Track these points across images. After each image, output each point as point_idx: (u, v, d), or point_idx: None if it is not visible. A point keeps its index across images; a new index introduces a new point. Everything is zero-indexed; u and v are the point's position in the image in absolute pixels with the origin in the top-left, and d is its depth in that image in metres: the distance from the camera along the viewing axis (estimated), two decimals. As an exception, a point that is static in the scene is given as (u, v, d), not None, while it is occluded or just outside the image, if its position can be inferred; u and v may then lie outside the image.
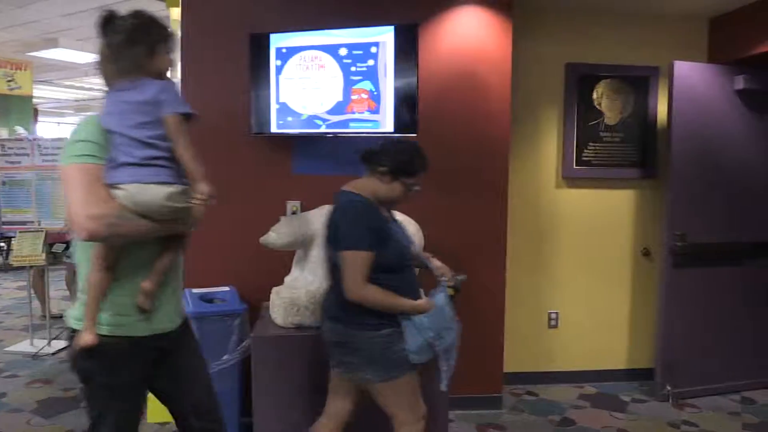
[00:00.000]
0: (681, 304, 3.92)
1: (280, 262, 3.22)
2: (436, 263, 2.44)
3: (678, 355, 3.94)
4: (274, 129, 3.35)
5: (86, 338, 1.71)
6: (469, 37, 3.57)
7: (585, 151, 4.16)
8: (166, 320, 1.82)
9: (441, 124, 3.56)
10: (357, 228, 2.12)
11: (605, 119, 4.20)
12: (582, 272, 4.21)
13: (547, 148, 4.16)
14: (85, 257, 1.73)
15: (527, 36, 3.96)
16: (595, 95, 4.18)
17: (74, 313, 1.78)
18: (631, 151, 4.24)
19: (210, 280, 3.30)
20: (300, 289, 2.94)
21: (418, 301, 2.20)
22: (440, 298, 2.24)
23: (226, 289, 3.24)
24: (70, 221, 1.61)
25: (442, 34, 3.55)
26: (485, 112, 3.60)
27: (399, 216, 3.06)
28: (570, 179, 4.18)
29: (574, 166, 4.17)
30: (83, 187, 1.59)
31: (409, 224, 3.09)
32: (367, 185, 2.22)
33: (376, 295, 2.12)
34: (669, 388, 3.91)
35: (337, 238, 2.17)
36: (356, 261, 2.12)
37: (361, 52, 3.24)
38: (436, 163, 3.50)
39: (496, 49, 3.61)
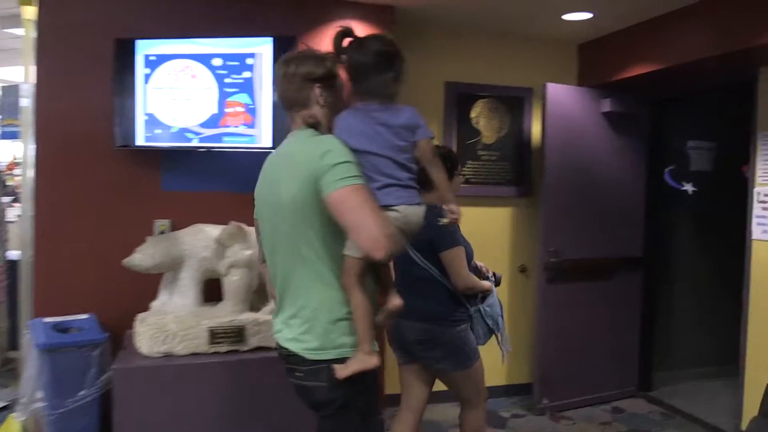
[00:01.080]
0: (555, 318, 4.03)
1: (146, 286, 3.08)
2: (478, 263, 2.75)
3: (553, 369, 4.04)
4: (140, 142, 3.19)
5: (372, 361, 1.76)
6: None
7: (463, 169, 4.19)
8: None
9: None
10: (446, 230, 2.40)
11: (483, 138, 4.29)
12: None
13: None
14: (319, 281, 1.78)
15: (409, 52, 3.72)
16: (473, 114, 4.27)
17: (338, 340, 1.79)
18: (508, 170, 4.35)
19: (66, 307, 3.11)
20: (168, 314, 2.87)
21: (486, 283, 2.64)
22: (493, 289, 2.65)
23: (85, 316, 3.05)
24: (362, 241, 1.64)
25: (320, 48, 3.49)
26: None
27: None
28: (457, 198, 4.18)
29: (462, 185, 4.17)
30: (372, 208, 1.67)
31: None
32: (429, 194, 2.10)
33: (475, 281, 2.55)
34: (546, 401, 4.01)
35: (432, 245, 2.47)
36: (459, 256, 2.51)
37: (236, 63, 3.16)
38: None
39: None
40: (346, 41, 1.89)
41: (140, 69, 3.16)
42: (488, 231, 4.30)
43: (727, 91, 4.04)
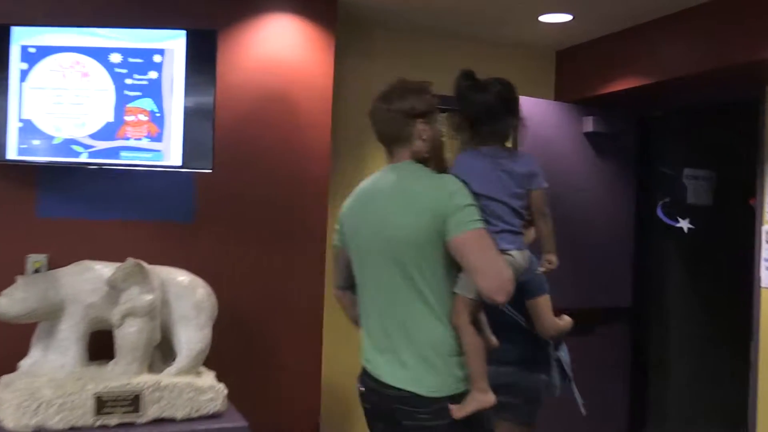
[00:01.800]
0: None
1: (13, 340, 3.01)
2: None
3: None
4: (12, 155, 3.12)
5: (489, 399, 2.14)
6: (282, 50, 3.65)
7: None
8: None
9: (244, 157, 3.60)
10: (539, 277, 2.68)
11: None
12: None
13: None
14: (434, 318, 2.13)
15: (353, 55, 4.12)
16: None
17: (453, 377, 2.14)
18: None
19: None
20: (42, 377, 2.78)
21: (569, 320, 2.86)
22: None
23: (-71, 379, 2.88)
24: (486, 284, 2.04)
25: (248, 46, 3.60)
26: (300, 144, 3.68)
27: (184, 276, 3.04)
28: None
29: None
30: (496, 252, 2.08)
31: (197, 287, 3.05)
32: None
33: (564, 323, 2.82)
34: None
35: (521, 290, 2.54)
36: (548, 302, 2.79)
37: (140, 60, 3.14)
38: (235, 207, 3.52)
39: (315, 67, 3.71)
40: (465, 83, 2.34)
41: (15, 63, 3.10)
42: None
43: (729, 111, 4.21)
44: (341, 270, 2.42)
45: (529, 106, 3.76)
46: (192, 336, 2.97)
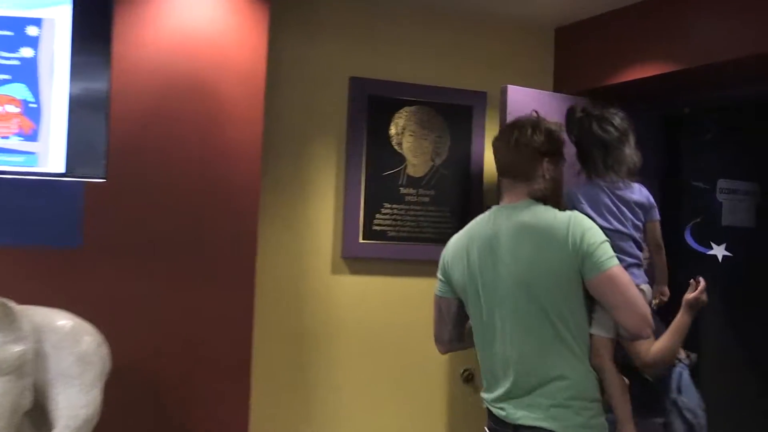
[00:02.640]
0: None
1: None
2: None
3: None
4: None
5: None
6: (199, 23, 3.63)
7: (378, 216, 4.30)
8: None
9: (148, 162, 3.58)
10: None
11: (408, 167, 4.36)
12: (371, 398, 4.37)
13: (318, 209, 4.29)
14: (575, 359, 2.52)
15: (292, 29, 4.16)
16: (394, 129, 4.35)
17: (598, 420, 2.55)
18: (448, 219, 4.39)
19: None
20: None
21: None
22: (686, 376, 3.13)
23: None
24: (631, 322, 2.47)
25: (154, 17, 3.58)
26: (223, 145, 3.67)
27: (66, 320, 2.95)
28: (354, 260, 4.32)
29: (361, 240, 4.29)
30: (635, 289, 2.51)
31: (82, 335, 2.96)
32: None
33: (671, 349, 3.07)
34: None
35: None
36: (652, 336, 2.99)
37: (9, 33, 3.08)
38: (136, 227, 3.51)
39: (242, 45, 3.70)
40: (582, 114, 2.94)
41: None
42: (414, 316, 4.32)
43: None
44: (449, 322, 2.85)
45: (522, 98, 4.04)
46: (75, 400, 2.87)
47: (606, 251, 2.49)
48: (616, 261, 2.50)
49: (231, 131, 3.71)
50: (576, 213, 2.57)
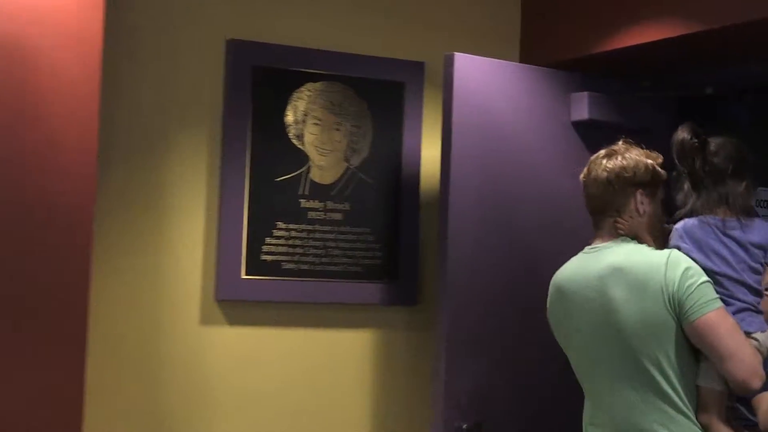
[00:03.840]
0: None
1: None
2: None
3: None
4: None
5: None
6: None
7: (269, 240, 3.87)
8: None
9: None
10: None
11: (313, 171, 3.96)
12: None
13: (181, 233, 3.88)
14: (681, 415, 2.52)
15: None
16: (291, 116, 3.93)
17: None
18: (369, 243, 4.04)
19: None
20: None
21: None
22: None
23: None
24: (739, 371, 2.44)
25: None
26: (42, 150, 3.23)
27: None
28: (234, 305, 3.88)
29: (243, 276, 3.89)
30: (742, 334, 2.52)
31: None
32: None
33: None
34: None
35: None
36: None
37: None
38: None
39: (68, 13, 3.28)
40: (690, 141, 2.82)
41: None
42: (323, 382, 4.02)
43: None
44: None
45: (476, 71, 3.78)
46: None
47: (705, 294, 2.49)
48: (718, 304, 2.49)
49: (53, 132, 3.28)
50: (674, 252, 2.59)
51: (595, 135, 3.83)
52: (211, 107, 3.85)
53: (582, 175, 2.75)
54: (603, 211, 2.67)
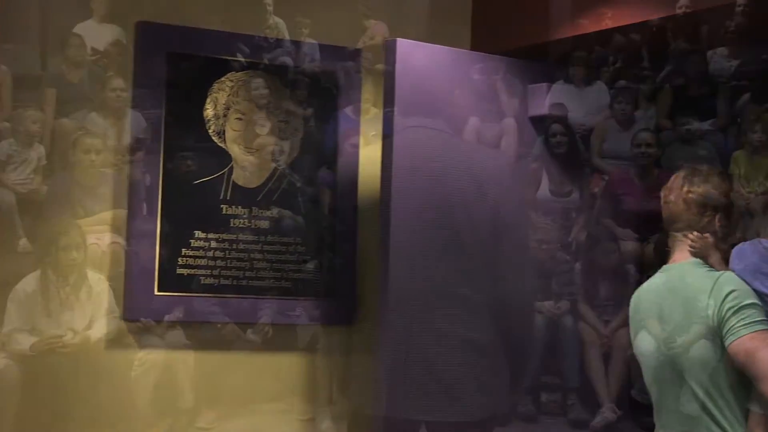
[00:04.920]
0: None
1: None
2: None
3: None
4: None
5: None
6: None
7: (185, 252, 3.81)
8: None
9: None
10: None
11: (236, 171, 3.94)
12: None
13: (84, 241, 3.78)
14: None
15: None
16: (211, 110, 3.89)
17: None
18: (300, 254, 4.03)
19: None
20: None
21: None
22: None
23: None
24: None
25: None
26: None
27: None
28: (145, 326, 3.79)
29: (157, 293, 3.84)
30: None
31: None
32: None
33: None
34: None
35: None
36: None
37: None
38: None
39: None
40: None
41: None
42: (247, 408, 3.94)
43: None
44: None
45: (414, 58, 3.69)
46: None
47: (749, 315, 2.45)
48: (758, 327, 2.43)
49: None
50: (726, 273, 2.59)
51: (559, 132, 3.99)
52: (118, 99, 3.76)
53: (664, 191, 2.72)
54: (678, 230, 2.67)
